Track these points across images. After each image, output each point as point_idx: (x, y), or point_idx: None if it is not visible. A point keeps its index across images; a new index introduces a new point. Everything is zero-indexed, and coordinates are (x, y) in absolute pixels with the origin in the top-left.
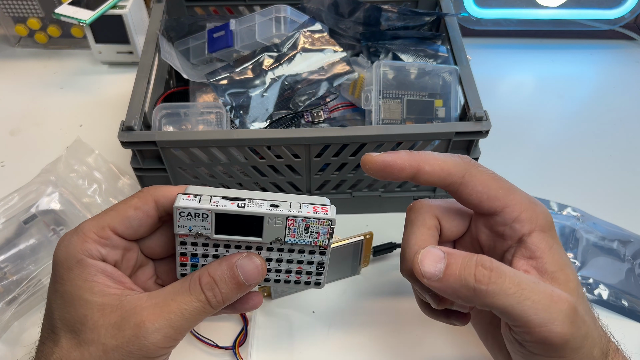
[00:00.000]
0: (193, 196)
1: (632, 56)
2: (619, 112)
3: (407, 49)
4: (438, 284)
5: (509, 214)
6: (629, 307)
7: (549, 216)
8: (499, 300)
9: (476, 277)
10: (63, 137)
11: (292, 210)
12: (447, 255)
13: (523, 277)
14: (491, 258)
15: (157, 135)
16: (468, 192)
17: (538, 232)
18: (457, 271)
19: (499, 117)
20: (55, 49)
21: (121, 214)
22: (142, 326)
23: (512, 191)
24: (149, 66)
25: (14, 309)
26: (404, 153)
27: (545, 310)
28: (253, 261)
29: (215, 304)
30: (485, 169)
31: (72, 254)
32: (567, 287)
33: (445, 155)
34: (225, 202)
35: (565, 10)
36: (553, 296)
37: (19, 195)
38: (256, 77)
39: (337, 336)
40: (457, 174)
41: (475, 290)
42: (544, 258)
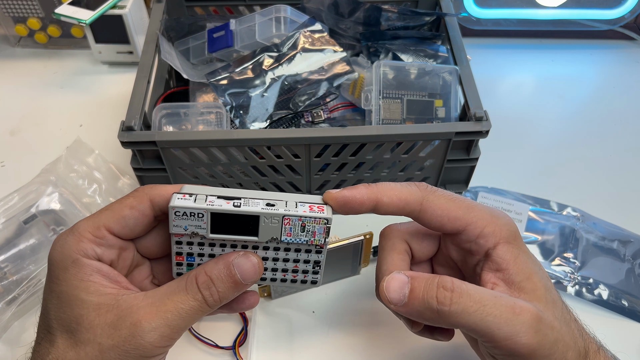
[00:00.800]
0: (188, 195)
1: (632, 56)
2: (619, 112)
3: (407, 49)
4: (404, 309)
5: (472, 231)
6: (629, 307)
7: (512, 226)
8: (463, 319)
9: (438, 299)
10: (63, 137)
11: (288, 210)
12: (411, 279)
13: (484, 293)
14: (452, 278)
15: (157, 135)
16: (428, 217)
17: (502, 244)
18: (420, 295)
19: (499, 117)
20: (55, 49)
21: (117, 213)
22: (138, 325)
23: (471, 209)
24: (149, 66)
25: (14, 309)
26: (363, 187)
27: (507, 324)
28: (250, 259)
29: (212, 303)
30: (442, 192)
31: (68, 254)
32: (534, 295)
33: (402, 185)
34: (221, 201)
35: (565, 10)
36: (515, 308)
37: (19, 195)
38: (256, 77)
39: (337, 336)
40: (414, 203)
41: (438, 312)
42: (510, 269)
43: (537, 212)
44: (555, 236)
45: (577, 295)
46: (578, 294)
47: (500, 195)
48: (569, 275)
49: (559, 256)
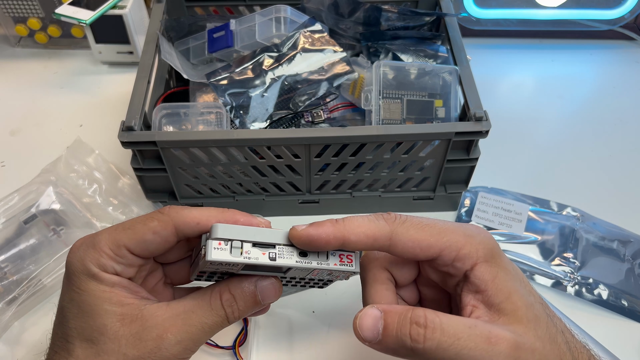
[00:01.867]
0: (224, 243)
1: (632, 56)
2: (618, 112)
3: (407, 49)
4: (378, 346)
5: (447, 256)
6: (628, 307)
7: (489, 243)
8: (438, 355)
9: (411, 336)
10: (63, 137)
11: (320, 263)
12: (384, 314)
13: (459, 325)
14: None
15: (157, 135)
16: (400, 250)
17: (480, 265)
18: (393, 332)
19: (499, 117)
20: (55, 49)
21: (138, 236)
22: (164, 338)
23: (443, 233)
24: (149, 66)
25: (14, 309)
26: (329, 225)
27: (484, 356)
28: (272, 282)
29: (232, 320)
30: (411, 221)
31: (87, 267)
32: (514, 317)
33: (370, 220)
34: (257, 252)
35: (565, 10)
36: (490, 338)
37: (19, 195)
38: (256, 77)
39: (337, 336)
40: (383, 238)
41: (413, 349)
42: (488, 291)
43: (537, 212)
44: (555, 236)
45: (576, 295)
46: (578, 294)
47: (500, 195)
48: (569, 275)
49: (558, 256)
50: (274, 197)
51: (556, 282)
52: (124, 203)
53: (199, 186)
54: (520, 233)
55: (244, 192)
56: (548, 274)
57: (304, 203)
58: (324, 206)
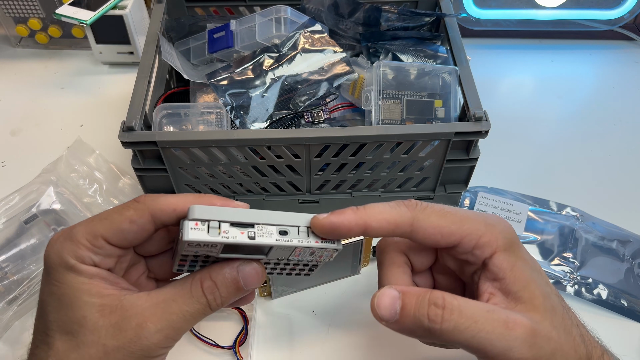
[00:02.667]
0: (201, 223)
1: (632, 56)
2: (618, 112)
3: (406, 49)
4: (395, 325)
5: (467, 244)
6: (628, 306)
7: (509, 233)
8: (455, 336)
9: (429, 316)
10: (64, 137)
11: (300, 240)
12: (402, 295)
13: (476, 309)
14: (444, 293)
15: (157, 135)
16: (421, 237)
17: (499, 253)
18: (412, 312)
19: (498, 117)
20: (56, 50)
21: (115, 225)
22: (144, 327)
23: (464, 220)
24: (150, 66)
25: (15, 309)
26: (350, 212)
27: (500, 340)
28: (254, 267)
29: (214, 307)
30: (432, 208)
31: (65, 259)
32: (531, 305)
33: (391, 206)
34: (235, 231)
35: (564, 11)
36: (508, 323)
37: (20, 195)
38: (256, 77)
39: (337, 336)
40: (404, 225)
41: (430, 330)
42: (507, 279)
43: (537, 212)
44: (555, 236)
45: (576, 295)
46: (577, 294)
47: (500, 195)
48: (568, 275)
49: (558, 256)
50: (274, 197)
51: (556, 282)
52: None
53: (200, 186)
54: (519, 233)
55: (244, 192)
56: (547, 274)
57: (304, 203)
58: (324, 206)
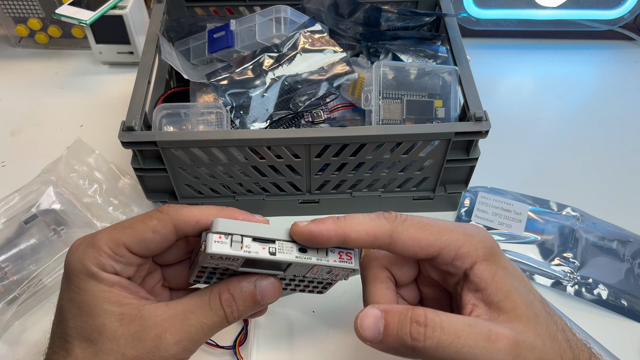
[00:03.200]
0: (224, 237)
1: (632, 56)
2: (618, 112)
3: (407, 49)
4: (380, 345)
5: (446, 255)
6: (628, 306)
7: (488, 242)
8: (439, 353)
9: (412, 335)
10: (63, 137)
11: (319, 259)
12: (385, 313)
13: (459, 324)
14: (426, 310)
15: (157, 135)
16: (400, 249)
17: (479, 263)
18: (394, 331)
19: (498, 117)
20: (55, 49)
21: (138, 234)
22: (163, 338)
23: (443, 232)
24: (150, 66)
25: (15, 309)
26: (330, 222)
27: (484, 353)
28: (271, 282)
29: (231, 320)
30: (412, 220)
31: (87, 267)
32: (513, 314)
33: (371, 219)
34: (257, 246)
35: (564, 11)
36: (490, 336)
37: (20, 195)
38: (256, 77)
39: (337, 336)
40: (383, 237)
41: (413, 348)
42: (488, 289)
43: (537, 212)
44: (555, 236)
45: (576, 295)
46: (577, 294)
47: (500, 195)
48: (569, 275)
49: (558, 256)
50: (274, 197)
51: (556, 282)
52: (124, 203)
53: (199, 186)
54: (520, 233)
55: (244, 192)
56: (548, 274)
57: (304, 203)
58: (324, 206)
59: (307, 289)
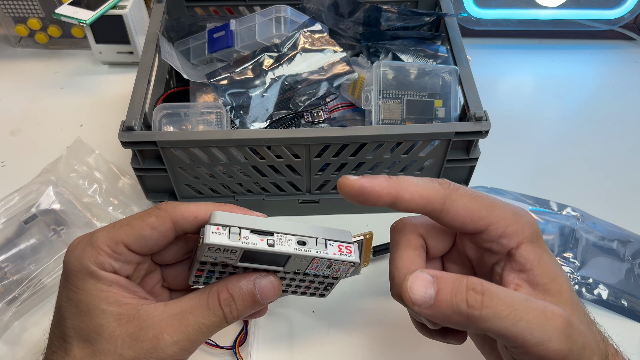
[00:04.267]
0: (222, 228)
1: (632, 56)
2: (618, 112)
3: (407, 49)
4: (429, 311)
5: (494, 231)
6: (628, 307)
7: (535, 225)
8: (493, 324)
9: (468, 302)
10: (63, 137)
11: (319, 251)
12: (437, 279)
13: (515, 297)
14: (481, 280)
15: (157, 135)
16: (450, 217)
17: (526, 244)
18: (448, 297)
19: (498, 117)
20: (55, 49)
21: (136, 232)
22: (160, 339)
23: (494, 207)
24: (149, 66)
25: (15, 309)
26: (383, 179)
27: (540, 329)
28: (270, 281)
29: (230, 320)
30: (465, 190)
31: (85, 265)
32: (560, 298)
33: (425, 182)
34: (255, 238)
35: (565, 11)
36: (547, 312)
37: (20, 195)
38: (256, 77)
39: (337, 336)
40: (437, 202)
41: (468, 316)
42: (534, 270)
43: (537, 212)
44: (555, 236)
45: None
46: (578, 294)
47: (500, 195)
48: (569, 275)
49: (558, 256)
50: (274, 197)
51: None
52: (124, 203)
53: (199, 186)
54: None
55: (244, 192)
56: None
57: (304, 203)
58: (324, 206)
59: (308, 291)
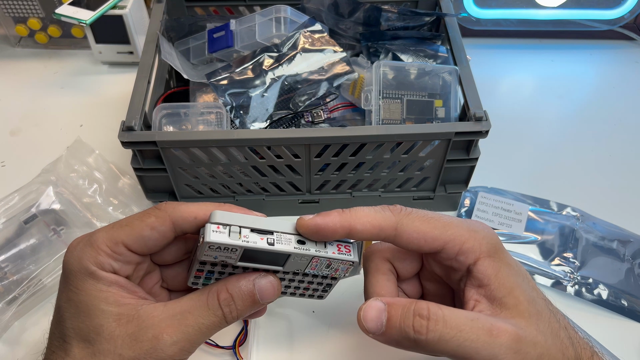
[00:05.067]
0: (222, 227)
1: (632, 56)
2: (618, 112)
3: (407, 49)
4: (382, 338)
5: (450, 249)
6: (628, 306)
7: (492, 239)
8: (441, 346)
9: (414, 327)
10: (63, 137)
11: (318, 250)
12: (388, 306)
13: (461, 318)
14: (429, 304)
15: (157, 135)
16: (405, 241)
17: (483, 259)
18: (397, 324)
19: (498, 117)
20: (55, 49)
21: (136, 232)
22: (160, 339)
23: (448, 226)
24: (149, 66)
25: (15, 309)
26: (336, 214)
27: (485, 347)
28: (270, 281)
29: (230, 320)
30: (417, 214)
31: (85, 265)
32: (516, 310)
33: (376, 210)
34: (255, 237)
35: (565, 11)
36: (492, 330)
37: (20, 195)
38: (256, 77)
39: (337, 336)
40: (388, 229)
41: (416, 341)
42: (491, 285)
43: (537, 212)
44: (555, 236)
45: (576, 295)
46: (578, 294)
47: (500, 195)
48: (569, 275)
49: (558, 256)
50: (274, 197)
51: (556, 282)
52: (124, 203)
53: (199, 186)
54: (520, 233)
55: (244, 192)
56: (548, 274)
57: (304, 203)
58: (324, 206)
59: (307, 292)
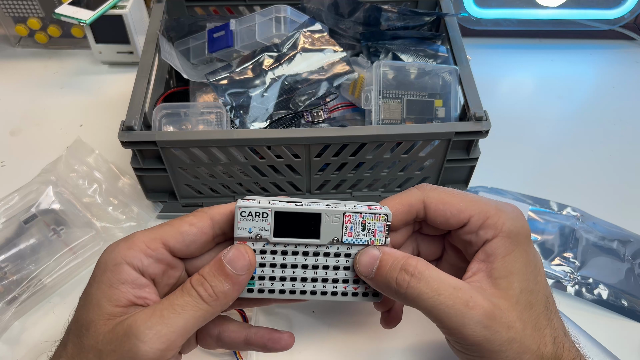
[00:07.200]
0: (252, 200)
1: (632, 56)
2: (618, 112)
3: (407, 49)
4: (371, 282)
5: (474, 223)
6: (628, 306)
7: (519, 223)
8: (417, 303)
9: (397, 280)
10: (63, 137)
11: (348, 208)
12: (382, 254)
13: (444, 283)
14: (419, 260)
15: (157, 135)
16: (432, 213)
17: (500, 238)
18: (384, 273)
19: (499, 117)
20: (55, 49)
21: (175, 228)
22: (133, 325)
23: (476, 201)
24: (149, 66)
25: (14, 309)
26: None
27: (457, 316)
28: (237, 248)
29: (207, 298)
30: (443, 188)
31: (114, 257)
32: (504, 294)
33: (403, 192)
34: (284, 202)
35: (565, 10)
36: (469, 302)
37: (19, 195)
38: (256, 77)
39: (337, 336)
40: (417, 203)
41: (396, 292)
42: (495, 263)
43: (537, 212)
44: (555, 236)
45: (576, 295)
46: (578, 294)
47: (500, 195)
48: (569, 275)
49: (558, 256)
50: None
51: (556, 282)
52: (124, 203)
53: (199, 186)
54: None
55: (244, 192)
56: (548, 274)
57: None
58: None
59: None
